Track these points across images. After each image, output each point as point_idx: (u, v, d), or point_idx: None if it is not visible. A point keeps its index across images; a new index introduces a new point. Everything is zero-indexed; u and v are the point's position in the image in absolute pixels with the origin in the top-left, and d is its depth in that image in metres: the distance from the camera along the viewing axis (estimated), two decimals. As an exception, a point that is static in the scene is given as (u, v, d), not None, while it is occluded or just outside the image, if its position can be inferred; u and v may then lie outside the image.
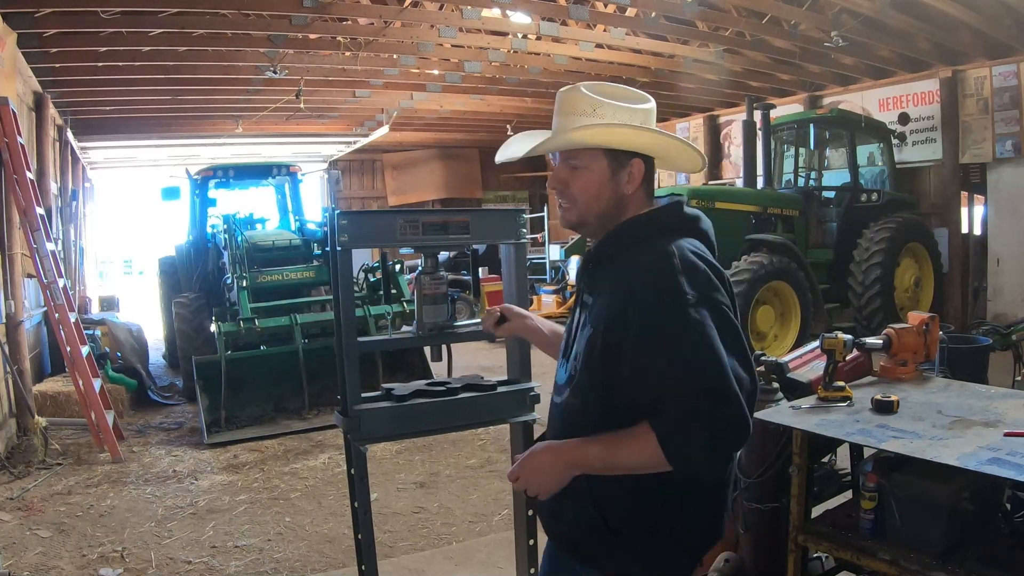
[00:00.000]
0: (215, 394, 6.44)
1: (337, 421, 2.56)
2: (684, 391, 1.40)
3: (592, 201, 1.62)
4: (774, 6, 7.97)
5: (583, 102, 1.61)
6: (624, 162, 1.63)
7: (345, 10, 7.65)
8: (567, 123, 1.61)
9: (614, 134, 1.61)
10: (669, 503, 1.54)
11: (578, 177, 1.62)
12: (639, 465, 1.47)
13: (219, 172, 9.23)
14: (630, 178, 1.63)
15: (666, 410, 1.42)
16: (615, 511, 1.55)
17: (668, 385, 1.42)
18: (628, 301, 1.49)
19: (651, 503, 1.53)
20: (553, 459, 1.55)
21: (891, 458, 2.27)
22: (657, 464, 1.44)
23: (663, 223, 1.61)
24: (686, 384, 1.40)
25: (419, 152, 17.18)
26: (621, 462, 1.49)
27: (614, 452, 1.49)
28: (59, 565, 3.89)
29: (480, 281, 11.07)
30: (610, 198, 1.62)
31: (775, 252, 7.88)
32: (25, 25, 6.51)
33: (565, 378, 1.67)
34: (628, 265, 1.54)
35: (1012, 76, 9.09)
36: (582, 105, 1.61)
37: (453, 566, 3.84)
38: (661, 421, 1.42)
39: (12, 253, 6.09)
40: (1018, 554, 2.17)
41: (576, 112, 1.61)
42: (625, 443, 1.47)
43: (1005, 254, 9.40)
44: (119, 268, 25.47)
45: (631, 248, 1.58)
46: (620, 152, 1.62)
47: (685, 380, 1.41)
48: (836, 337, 2.57)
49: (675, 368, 1.42)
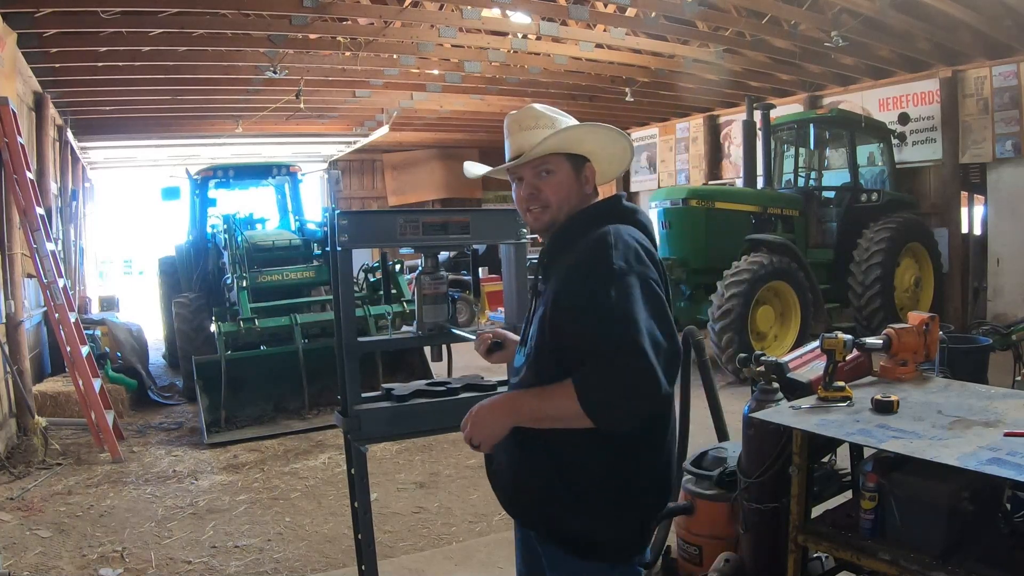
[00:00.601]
0: (215, 394, 6.44)
1: (337, 421, 2.57)
2: (599, 345, 1.55)
3: (564, 201, 1.82)
4: (774, 6, 7.97)
5: (543, 118, 1.83)
6: (581, 165, 1.84)
7: (345, 10, 7.65)
8: (533, 136, 1.80)
9: (583, 135, 1.82)
10: (617, 463, 1.68)
11: (548, 182, 1.81)
12: (564, 415, 1.60)
13: (219, 172, 9.24)
14: (587, 179, 1.85)
15: (585, 365, 1.57)
16: (572, 472, 1.68)
17: (587, 342, 1.58)
18: (568, 277, 1.67)
19: (606, 467, 1.67)
20: (491, 410, 1.73)
21: (891, 458, 2.26)
22: (579, 415, 1.57)
23: (606, 213, 1.80)
24: (602, 339, 1.56)
25: (419, 152, 17.18)
26: (549, 412, 1.64)
27: (543, 403, 1.65)
28: (59, 565, 3.89)
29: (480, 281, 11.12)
30: (577, 197, 1.83)
31: (775, 252, 7.88)
32: (25, 25, 6.51)
33: (522, 360, 1.82)
34: (574, 250, 1.72)
35: (1012, 76, 9.09)
36: (543, 120, 1.83)
37: (453, 566, 3.84)
38: (579, 374, 1.57)
39: (12, 253, 6.09)
40: (1018, 554, 2.16)
41: (538, 126, 1.82)
42: (553, 394, 1.63)
43: (1005, 254, 9.40)
44: (119, 268, 25.48)
45: (578, 237, 1.75)
46: (577, 157, 1.83)
47: (601, 336, 1.56)
48: (836, 337, 2.56)
49: (594, 326, 1.58)
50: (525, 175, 1.83)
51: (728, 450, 3.06)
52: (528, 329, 1.84)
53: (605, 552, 1.71)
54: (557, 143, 1.78)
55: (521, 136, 1.83)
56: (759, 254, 7.75)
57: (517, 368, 1.86)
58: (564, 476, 1.69)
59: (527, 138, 1.81)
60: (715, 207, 8.24)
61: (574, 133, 1.81)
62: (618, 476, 1.69)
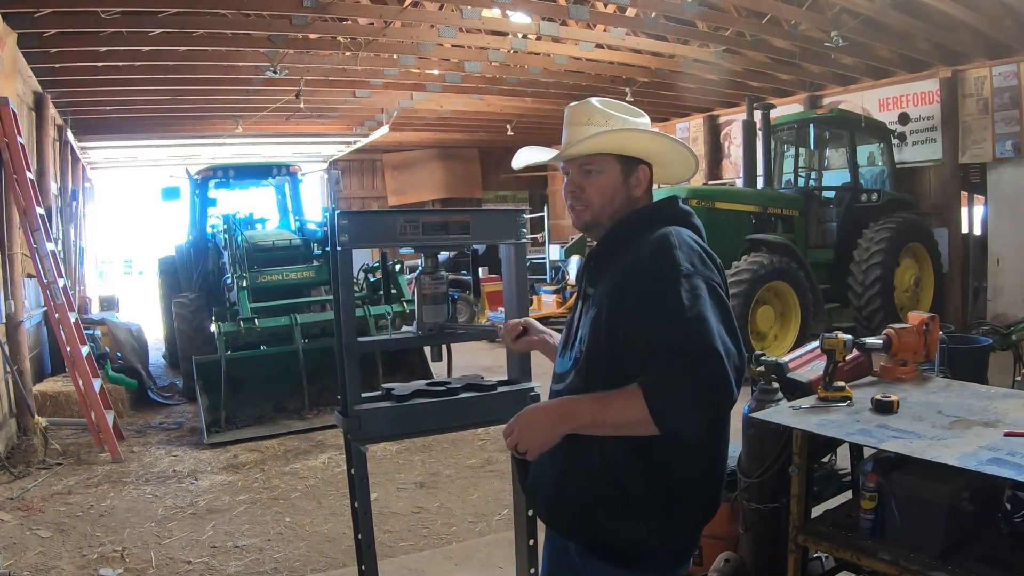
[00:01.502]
0: (215, 394, 6.44)
1: (337, 421, 2.56)
2: (669, 349, 1.47)
3: (607, 203, 1.75)
4: (774, 6, 7.97)
5: (596, 114, 1.75)
6: (633, 168, 1.76)
7: (345, 10, 7.65)
8: (582, 132, 1.73)
9: (631, 139, 1.74)
10: (673, 471, 1.60)
11: (593, 181, 1.75)
12: (627, 422, 1.52)
13: (219, 172, 9.23)
14: (637, 182, 1.77)
15: (652, 368, 1.48)
16: (627, 480, 1.60)
17: (655, 344, 1.49)
18: (628, 277, 1.60)
19: (658, 471, 1.59)
20: (546, 413, 1.62)
21: (891, 458, 2.26)
22: (643, 421, 1.48)
23: (661, 216, 1.73)
24: (672, 342, 1.48)
25: (419, 152, 17.18)
26: (610, 418, 1.54)
27: (604, 408, 1.55)
28: (59, 565, 3.89)
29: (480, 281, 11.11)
30: (622, 200, 1.76)
31: (775, 252, 7.88)
32: (25, 25, 6.51)
33: (568, 365, 1.74)
34: (629, 251, 1.65)
35: (1012, 76, 9.09)
36: (596, 116, 1.75)
37: (453, 566, 3.84)
38: (647, 378, 1.48)
39: (12, 253, 6.09)
40: (1018, 554, 2.16)
41: (591, 123, 1.74)
42: (615, 399, 1.53)
43: (1005, 254, 9.40)
44: (119, 268, 25.47)
45: (632, 238, 1.68)
46: (629, 158, 1.75)
47: (671, 339, 1.48)
48: (836, 337, 2.56)
49: (663, 328, 1.50)
50: (572, 171, 1.77)
51: (728, 450, 3.06)
52: (574, 332, 1.76)
53: (653, 563, 1.65)
54: (599, 144, 1.71)
55: (572, 130, 1.77)
56: (759, 254, 7.75)
57: (561, 374, 1.76)
58: (616, 484, 1.61)
59: (575, 133, 1.75)
60: (715, 207, 8.23)
61: (622, 137, 1.72)
62: (672, 484, 1.61)
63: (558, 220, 17.64)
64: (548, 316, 11.31)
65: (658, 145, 1.77)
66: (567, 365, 1.75)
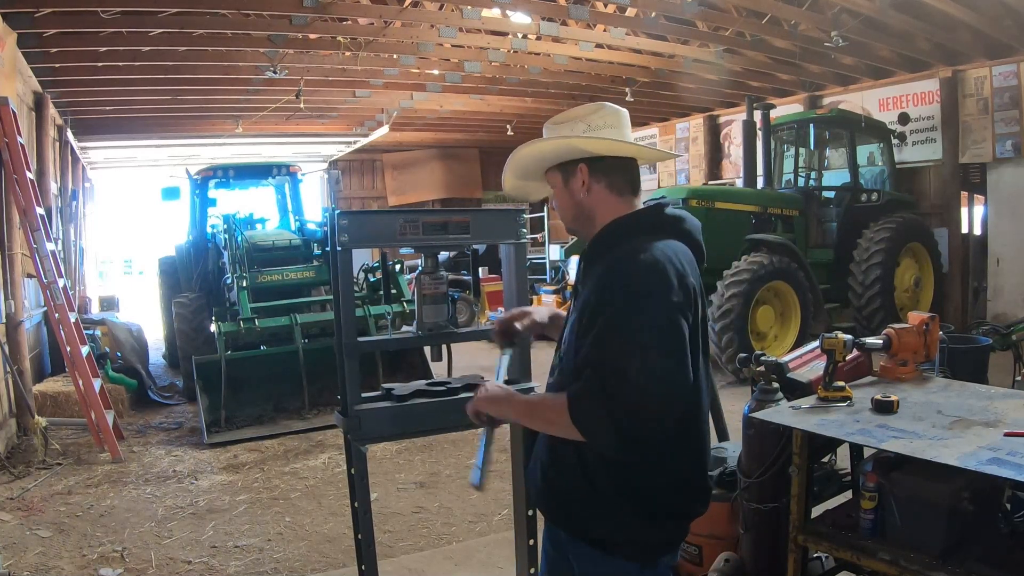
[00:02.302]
0: (215, 394, 6.44)
1: (337, 421, 2.57)
2: (598, 367, 1.54)
3: (564, 211, 1.82)
4: (774, 6, 7.97)
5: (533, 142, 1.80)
6: (571, 170, 1.77)
7: (345, 10, 7.66)
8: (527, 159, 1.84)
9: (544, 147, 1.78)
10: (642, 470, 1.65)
11: (557, 199, 1.83)
12: (553, 423, 1.65)
13: (219, 172, 9.24)
14: (580, 183, 1.76)
15: (582, 379, 1.57)
16: (596, 475, 1.66)
17: (589, 358, 1.57)
18: (593, 294, 1.64)
19: (626, 469, 1.64)
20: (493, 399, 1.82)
21: (891, 458, 2.26)
22: (566, 426, 1.58)
23: (645, 223, 1.74)
24: (602, 361, 1.54)
25: (419, 152, 17.18)
26: (537, 416, 1.73)
27: (531, 411, 1.74)
28: (59, 565, 3.89)
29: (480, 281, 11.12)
30: (572, 206, 1.79)
31: (775, 252, 7.88)
32: (25, 25, 6.51)
33: (556, 361, 1.84)
34: (603, 262, 1.68)
35: (1012, 76, 9.09)
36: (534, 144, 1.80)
37: (453, 566, 3.84)
38: (573, 387, 1.58)
39: (12, 253, 6.09)
40: (1018, 554, 2.16)
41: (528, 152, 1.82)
42: (543, 406, 1.70)
43: (1005, 254, 9.40)
44: (119, 268, 25.47)
45: (612, 247, 1.70)
46: (568, 163, 1.77)
47: (604, 358, 1.54)
48: (836, 337, 2.56)
49: (601, 348, 1.56)
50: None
51: (728, 450, 3.06)
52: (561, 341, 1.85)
53: (632, 552, 1.69)
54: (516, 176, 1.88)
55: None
56: (759, 254, 7.75)
57: (552, 367, 1.86)
58: (588, 478, 1.67)
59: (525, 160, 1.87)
60: (715, 207, 8.23)
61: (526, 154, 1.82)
62: (641, 480, 1.66)
63: (558, 220, 17.59)
64: (549, 316, 11.29)
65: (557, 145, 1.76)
66: (556, 361, 1.84)
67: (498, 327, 2.13)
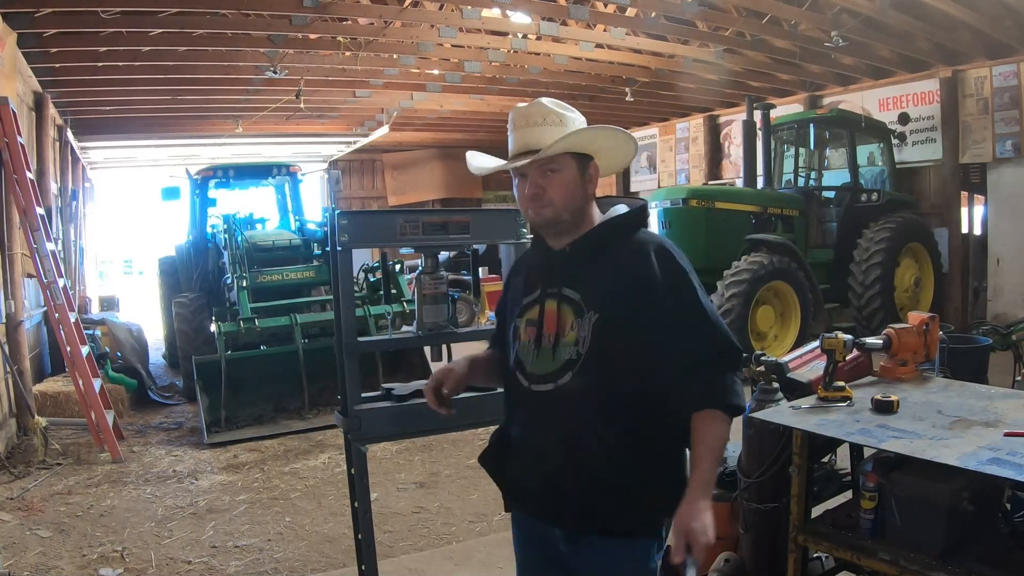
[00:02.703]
0: (215, 394, 6.44)
1: (337, 421, 2.57)
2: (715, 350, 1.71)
3: (569, 199, 1.80)
4: (774, 6, 7.97)
5: (550, 114, 1.80)
6: (586, 164, 1.83)
7: (345, 10, 7.65)
8: (544, 133, 1.78)
9: (597, 136, 1.82)
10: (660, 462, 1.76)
11: (553, 180, 1.79)
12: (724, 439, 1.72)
13: (219, 172, 9.24)
14: (590, 178, 1.85)
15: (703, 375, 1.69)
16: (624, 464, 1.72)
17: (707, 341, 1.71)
18: (649, 280, 1.72)
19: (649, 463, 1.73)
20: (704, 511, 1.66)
21: (891, 458, 2.27)
22: (728, 430, 1.71)
23: (641, 221, 1.88)
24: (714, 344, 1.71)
25: (419, 152, 17.17)
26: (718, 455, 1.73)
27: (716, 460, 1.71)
28: (59, 565, 3.89)
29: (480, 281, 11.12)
30: (581, 196, 1.83)
31: (775, 252, 7.88)
32: (25, 25, 6.50)
33: (556, 366, 1.77)
34: (627, 254, 1.77)
35: (1012, 76, 9.08)
36: (550, 116, 1.79)
37: (453, 566, 3.84)
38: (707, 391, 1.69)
39: (12, 253, 6.09)
40: (1018, 554, 2.17)
41: (547, 122, 1.79)
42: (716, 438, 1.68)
43: (1005, 254, 9.40)
44: (119, 268, 25.45)
45: (619, 241, 1.80)
46: (583, 155, 1.82)
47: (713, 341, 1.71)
48: (836, 337, 2.56)
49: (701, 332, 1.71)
50: (530, 172, 1.80)
51: (728, 450, 3.06)
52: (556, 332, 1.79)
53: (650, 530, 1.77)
54: (568, 144, 1.77)
55: (528, 132, 1.79)
56: (759, 254, 7.75)
57: (546, 374, 1.78)
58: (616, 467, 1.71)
59: (535, 135, 1.78)
60: (715, 207, 8.23)
61: (586, 135, 1.79)
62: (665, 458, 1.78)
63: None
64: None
65: (611, 139, 1.86)
66: (552, 366, 1.78)
67: (431, 400, 1.96)
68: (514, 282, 2.01)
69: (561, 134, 1.77)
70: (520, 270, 2.02)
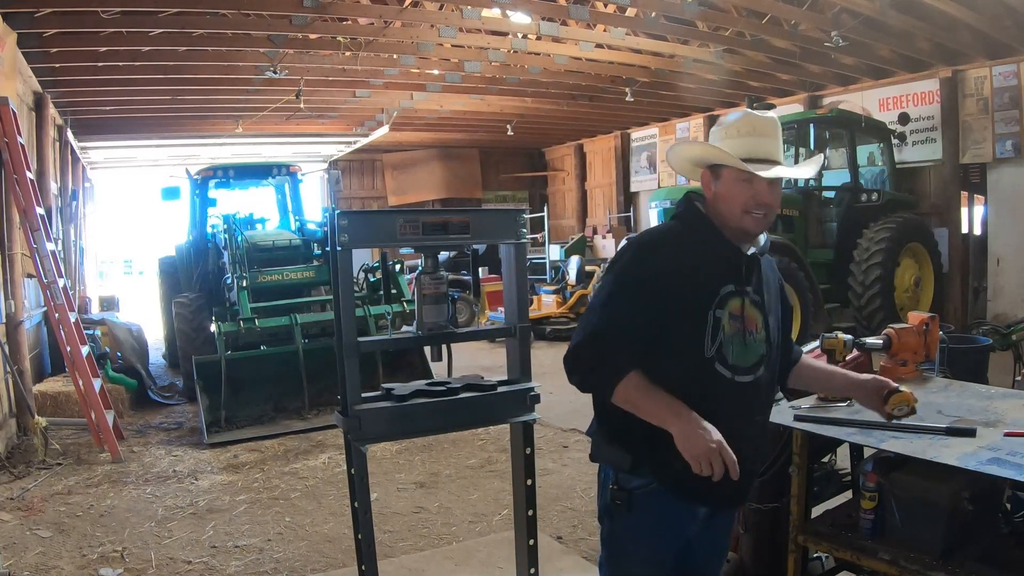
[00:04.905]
0: (215, 394, 6.43)
1: (337, 421, 2.57)
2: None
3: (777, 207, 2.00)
4: (774, 6, 7.97)
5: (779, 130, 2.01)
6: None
7: (345, 10, 7.66)
8: (778, 146, 1.98)
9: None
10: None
11: (779, 195, 1.97)
12: None
13: (219, 172, 9.22)
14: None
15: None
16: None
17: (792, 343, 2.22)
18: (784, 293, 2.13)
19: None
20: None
21: (891, 458, 2.27)
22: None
23: None
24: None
25: (419, 152, 17.18)
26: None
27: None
28: (59, 565, 3.89)
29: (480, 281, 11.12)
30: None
31: (775, 252, 7.86)
32: (25, 25, 6.51)
33: (757, 357, 1.95)
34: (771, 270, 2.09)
35: (1012, 76, 9.09)
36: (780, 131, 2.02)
37: (453, 566, 3.84)
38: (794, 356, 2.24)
39: (12, 253, 6.09)
40: (1018, 554, 2.17)
41: (778, 137, 2.00)
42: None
43: (1005, 254, 9.40)
44: (119, 268, 25.46)
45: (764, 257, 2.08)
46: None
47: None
48: (836, 337, 2.57)
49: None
50: (763, 182, 1.91)
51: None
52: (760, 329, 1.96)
53: None
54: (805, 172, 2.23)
55: (773, 143, 1.96)
56: (759, 254, 7.74)
57: (750, 366, 1.94)
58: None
59: (776, 147, 1.96)
60: (715, 207, 8.22)
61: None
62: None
63: (558, 220, 17.64)
64: (548, 316, 11.31)
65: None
66: (753, 359, 1.94)
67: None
68: (678, 266, 1.89)
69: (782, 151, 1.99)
70: (676, 254, 1.92)
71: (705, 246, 1.93)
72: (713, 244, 1.93)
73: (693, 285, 1.88)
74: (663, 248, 1.95)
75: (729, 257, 1.94)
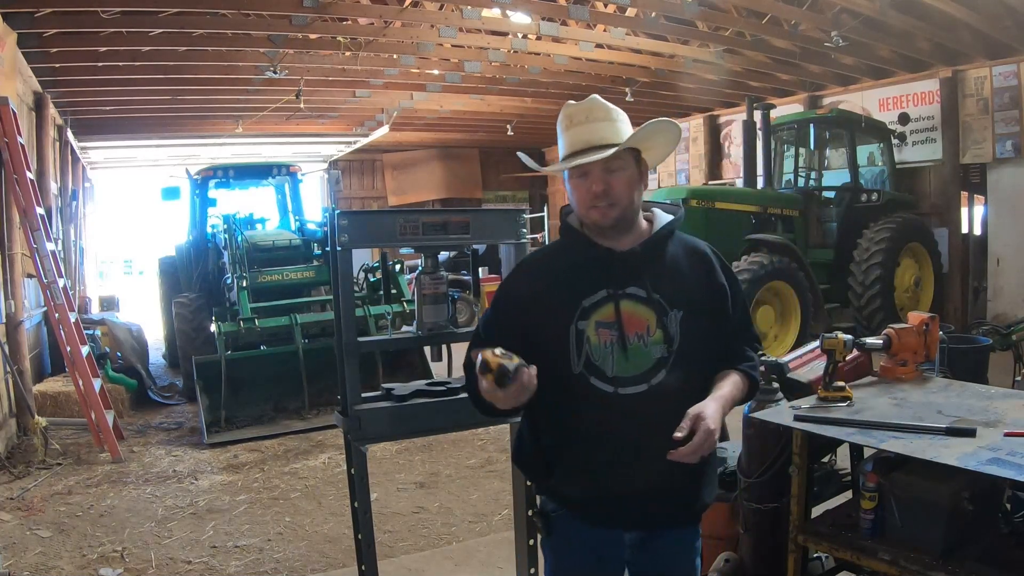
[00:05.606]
0: (215, 394, 6.44)
1: (337, 421, 2.57)
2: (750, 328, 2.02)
3: (633, 197, 1.81)
4: (774, 6, 7.97)
5: (613, 110, 1.80)
6: (639, 159, 1.84)
7: (345, 10, 7.65)
8: (608, 129, 1.77)
9: (656, 132, 1.82)
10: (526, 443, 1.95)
11: (619, 178, 1.78)
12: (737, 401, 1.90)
13: (219, 172, 9.23)
14: (643, 173, 1.86)
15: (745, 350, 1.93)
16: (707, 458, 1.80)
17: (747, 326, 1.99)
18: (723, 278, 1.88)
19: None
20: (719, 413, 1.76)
21: (891, 458, 2.26)
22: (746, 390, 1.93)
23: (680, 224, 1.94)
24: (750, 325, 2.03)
25: (419, 152, 17.17)
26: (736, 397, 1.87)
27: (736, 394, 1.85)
28: (59, 565, 3.89)
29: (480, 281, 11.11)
30: (638, 193, 1.84)
31: (775, 252, 7.88)
32: (25, 25, 6.50)
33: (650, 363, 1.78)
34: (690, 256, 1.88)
35: (1012, 76, 9.08)
36: (613, 112, 1.80)
37: (453, 566, 3.84)
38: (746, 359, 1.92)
39: (12, 253, 6.09)
40: (1018, 554, 2.17)
41: (610, 118, 1.79)
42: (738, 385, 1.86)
43: (1005, 254, 9.40)
44: (119, 268, 25.46)
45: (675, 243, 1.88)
46: (637, 152, 1.83)
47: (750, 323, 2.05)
48: (836, 337, 2.56)
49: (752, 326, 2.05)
50: (593, 171, 1.75)
51: (728, 450, 3.06)
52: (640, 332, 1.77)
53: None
54: (637, 139, 1.78)
55: (591, 128, 1.75)
56: (759, 254, 7.75)
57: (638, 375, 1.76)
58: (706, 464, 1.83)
59: (598, 131, 1.75)
60: (715, 207, 8.23)
61: (651, 129, 1.80)
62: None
63: (558, 220, 17.63)
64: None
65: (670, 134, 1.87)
66: (645, 366, 1.77)
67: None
68: (535, 287, 1.86)
69: (618, 130, 1.76)
70: (539, 273, 1.90)
71: (576, 256, 1.85)
72: (582, 251, 1.84)
73: (549, 302, 1.81)
74: (522, 271, 2.01)
75: (601, 260, 1.81)
